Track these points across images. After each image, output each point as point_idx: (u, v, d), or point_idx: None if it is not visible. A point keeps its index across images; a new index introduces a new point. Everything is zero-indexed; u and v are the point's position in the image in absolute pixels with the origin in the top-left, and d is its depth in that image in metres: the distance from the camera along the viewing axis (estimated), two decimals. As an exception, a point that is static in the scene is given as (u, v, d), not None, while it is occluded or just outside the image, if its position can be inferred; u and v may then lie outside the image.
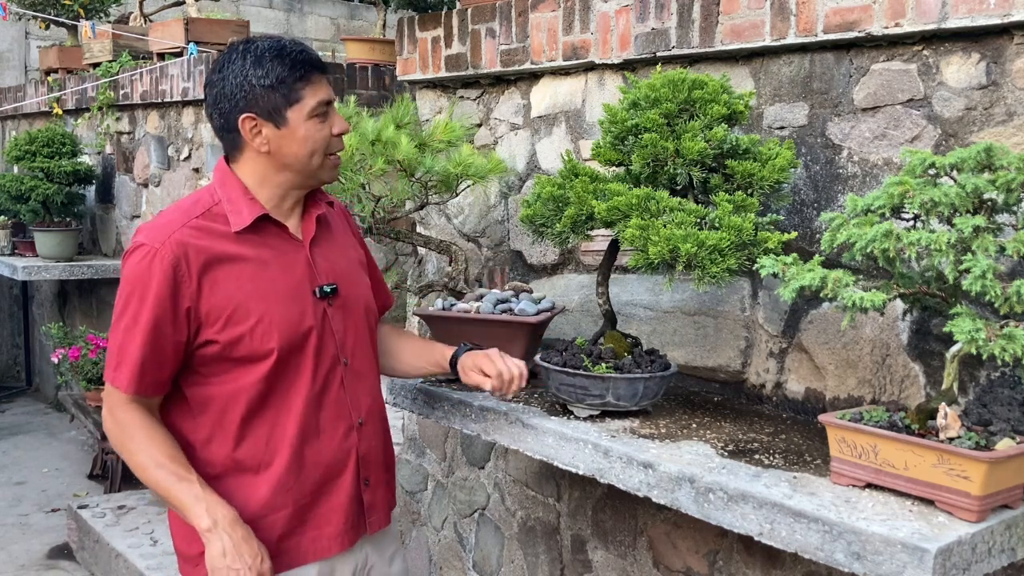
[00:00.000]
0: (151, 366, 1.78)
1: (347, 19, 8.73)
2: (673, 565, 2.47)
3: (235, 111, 1.79)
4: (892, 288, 1.62)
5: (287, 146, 1.80)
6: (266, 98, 1.77)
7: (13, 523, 4.72)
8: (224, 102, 1.80)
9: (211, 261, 1.78)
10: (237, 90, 1.78)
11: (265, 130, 1.79)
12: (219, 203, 1.83)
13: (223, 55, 1.83)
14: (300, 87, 1.78)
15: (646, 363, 2.03)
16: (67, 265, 5.58)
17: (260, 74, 1.76)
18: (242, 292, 1.79)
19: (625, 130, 2.05)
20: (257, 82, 1.76)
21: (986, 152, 1.54)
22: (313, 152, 1.82)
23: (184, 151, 4.89)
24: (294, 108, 1.78)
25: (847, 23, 2.00)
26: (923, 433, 1.56)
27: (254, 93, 1.77)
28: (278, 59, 1.77)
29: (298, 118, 1.79)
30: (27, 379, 7.27)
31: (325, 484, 1.88)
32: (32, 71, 7.59)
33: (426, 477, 3.39)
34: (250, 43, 1.81)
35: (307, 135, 1.80)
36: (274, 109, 1.78)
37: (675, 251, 1.81)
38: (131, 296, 1.78)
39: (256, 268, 1.81)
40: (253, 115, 1.78)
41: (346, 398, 1.91)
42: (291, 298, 1.83)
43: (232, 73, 1.78)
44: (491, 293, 2.39)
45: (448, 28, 3.03)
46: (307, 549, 1.87)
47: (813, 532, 1.51)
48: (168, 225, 1.79)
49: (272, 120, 1.79)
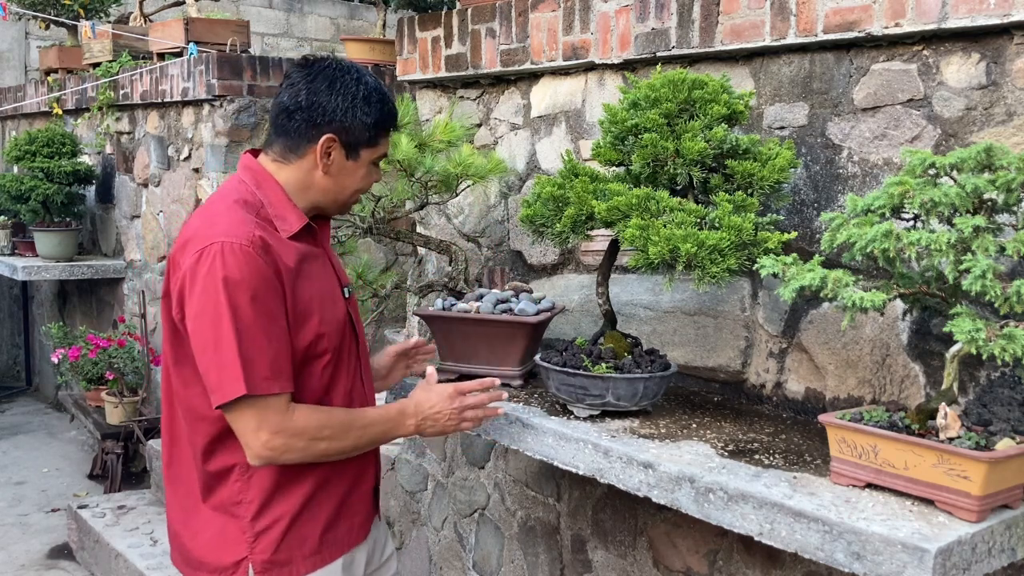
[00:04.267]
0: (281, 358, 1.73)
1: (347, 19, 8.73)
2: (673, 565, 2.47)
3: (325, 127, 1.83)
4: (892, 288, 1.62)
5: (344, 178, 1.88)
6: (357, 132, 1.85)
7: (13, 523, 4.72)
8: (319, 113, 1.83)
9: (286, 257, 1.78)
10: (339, 111, 1.83)
11: (336, 155, 1.86)
12: (263, 206, 1.82)
13: (332, 66, 1.86)
14: (382, 136, 1.90)
15: (646, 363, 2.03)
16: (67, 265, 5.58)
17: (366, 111, 1.85)
18: (308, 293, 1.82)
19: (625, 130, 2.05)
20: (361, 116, 1.85)
21: (986, 152, 1.54)
22: (357, 191, 1.92)
23: (184, 151, 4.88)
24: (368, 149, 1.88)
25: (847, 23, 2.00)
26: (923, 433, 1.56)
27: (352, 123, 1.84)
28: (381, 104, 1.87)
29: (366, 159, 1.89)
30: (27, 379, 7.27)
31: (358, 475, 1.94)
32: (32, 71, 7.59)
33: (426, 477, 3.39)
34: (360, 73, 1.88)
35: (362, 176, 1.91)
36: (356, 143, 1.86)
37: (675, 251, 1.81)
38: (232, 297, 1.67)
39: (311, 271, 1.84)
40: (336, 139, 1.84)
41: (365, 391, 1.98)
42: (332, 299, 1.89)
43: (342, 97, 1.83)
44: (491, 293, 2.39)
45: (448, 28, 3.03)
46: (343, 540, 1.91)
47: (813, 532, 1.51)
48: (239, 222, 1.75)
49: (347, 151, 1.86)
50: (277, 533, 1.81)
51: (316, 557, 1.85)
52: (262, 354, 1.69)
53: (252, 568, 1.80)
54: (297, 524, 1.82)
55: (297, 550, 1.83)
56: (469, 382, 1.98)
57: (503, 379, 2.28)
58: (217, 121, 4.55)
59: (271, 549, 1.80)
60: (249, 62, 4.57)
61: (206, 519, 1.84)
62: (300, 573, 1.83)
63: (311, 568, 1.84)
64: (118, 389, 5.04)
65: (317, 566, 1.85)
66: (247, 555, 1.80)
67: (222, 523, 1.82)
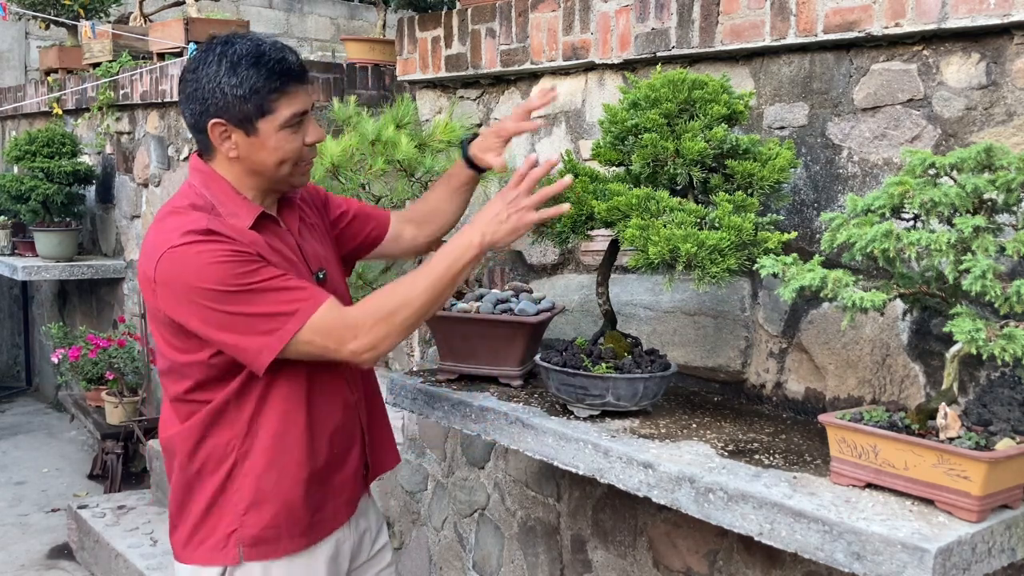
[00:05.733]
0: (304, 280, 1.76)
1: (347, 19, 8.73)
2: (673, 565, 2.47)
3: (206, 115, 1.76)
4: (892, 288, 1.62)
5: (256, 154, 1.79)
6: (237, 107, 1.74)
7: (13, 523, 4.72)
8: (195, 104, 1.77)
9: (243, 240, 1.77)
10: (209, 95, 1.74)
11: (235, 136, 1.78)
12: (214, 207, 1.80)
13: (200, 52, 1.79)
14: (274, 99, 1.75)
15: (646, 363, 2.03)
16: (67, 265, 5.58)
17: (234, 83, 1.73)
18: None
19: (625, 130, 2.05)
20: (230, 91, 1.73)
21: (986, 152, 1.54)
22: (282, 161, 1.80)
23: (184, 151, 4.88)
24: (266, 119, 1.76)
25: (847, 23, 2.00)
26: (923, 433, 1.56)
27: (225, 101, 1.74)
28: (254, 67, 1.73)
29: (269, 129, 1.77)
30: (27, 379, 7.27)
31: (339, 456, 1.93)
32: (32, 71, 7.59)
33: (426, 477, 3.39)
34: (228, 44, 1.76)
35: (277, 145, 1.78)
36: (244, 118, 1.75)
37: (675, 251, 1.81)
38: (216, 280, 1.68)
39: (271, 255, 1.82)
40: (223, 121, 1.76)
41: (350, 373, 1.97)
42: None
43: (206, 76, 1.75)
44: (491, 293, 2.39)
45: (448, 28, 3.03)
46: (329, 521, 1.92)
47: (813, 532, 1.51)
48: (198, 219, 1.75)
49: (242, 128, 1.76)
50: (269, 508, 1.84)
51: (304, 537, 1.87)
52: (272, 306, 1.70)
53: (241, 543, 1.84)
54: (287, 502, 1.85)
55: (285, 528, 1.85)
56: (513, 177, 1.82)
57: (503, 379, 2.28)
58: (217, 121, 4.55)
59: (260, 525, 1.84)
60: (249, 62, 4.56)
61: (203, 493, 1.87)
62: (286, 551, 1.86)
63: (298, 547, 1.87)
64: (118, 389, 5.04)
65: (304, 546, 1.87)
66: (237, 528, 1.84)
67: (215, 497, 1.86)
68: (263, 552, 1.85)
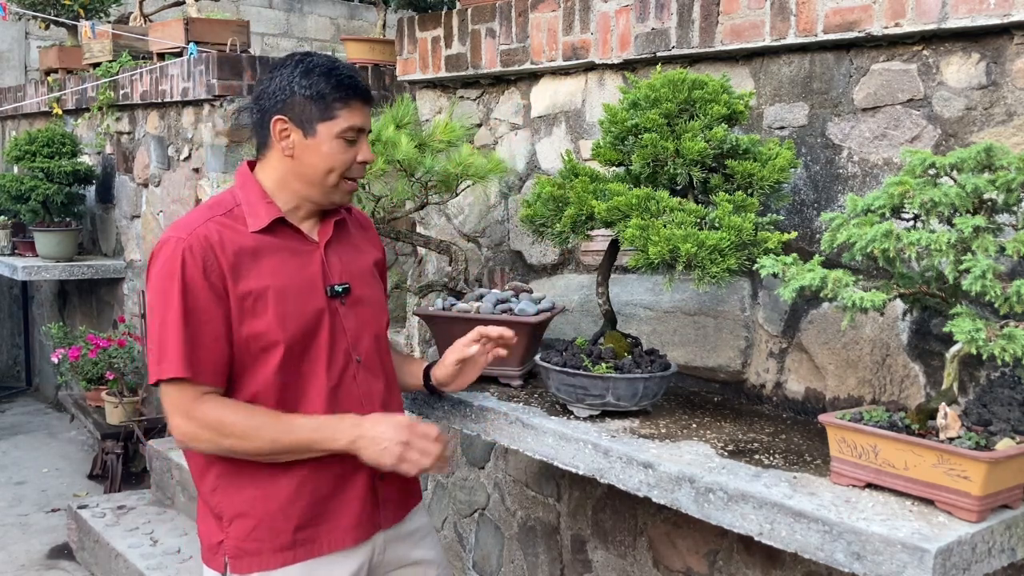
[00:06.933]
0: (199, 349, 1.79)
1: (347, 19, 8.73)
2: (673, 565, 2.47)
3: (271, 110, 1.88)
4: (892, 288, 1.62)
5: (309, 157, 1.88)
6: (302, 107, 1.86)
7: (13, 523, 4.72)
8: (265, 99, 1.89)
9: (236, 253, 1.84)
10: (279, 92, 1.87)
11: (294, 135, 1.87)
12: (239, 205, 1.90)
13: (280, 60, 1.94)
14: (337, 107, 1.86)
15: (646, 363, 2.03)
16: (67, 265, 5.58)
17: (304, 84, 1.85)
18: (260, 285, 1.84)
19: (625, 130, 2.05)
20: (299, 90, 1.85)
21: (986, 152, 1.54)
22: (331, 170, 1.89)
23: (184, 151, 4.88)
24: (326, 124, 1.86)
25: (847, 23, 2.00)
26: (923, 433, 1.56)
27: (293, 100, 1.86)
28: (325, 76, 1.86)
29: (327, 134, 1.86)
30: (27, 379, 7.27)
31: (342, 477, 1.91)
32: (32, 71, 7.58)
33: (426, 477, 3.39)
34: (308, 56, 1.90)
35: (330, 152, 1.87)
36: (307, 119, 1.86)
37: (675, 251, 1.81)
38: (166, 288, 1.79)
39: (273, 265, 1.87)
40: (286, 118, 1.86)
41: (360, 394, 1.95)
42: (302, 294, 1.89)
43: (280, 76, 1.88)
44: (491, 293, 2.39)
45: (448, 28, 3.03)
46: (323, 541, 1.91)
47: (813, 532, 1.51)
48: (193, 221, 1.86)
49: (302, 128, 1.87)
50: (248, 522, 1.86)
51: (288, 553, 1.87)
52: (179, 343, 1.77)
53: (226, 553, 1.88)
54: (268, 517, 1.86)
55: (267, 542, 1.86)
56: (426, 425, 1.88)
57: (503, 379, 2.28)
58: (217, 121, 4.55)
59: (242, 536, 1.86)
60: (249, 62, 4.57)
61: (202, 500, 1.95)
62: (269, 565, 1.86)
63: (281, 563, 1.87)
64: (118, 389, 5.05)
65: (288, 562, 1.87)
66: (223, 538, 1.88)
67: (208, 505, 1.92)
68: (248, 564, 1.86)
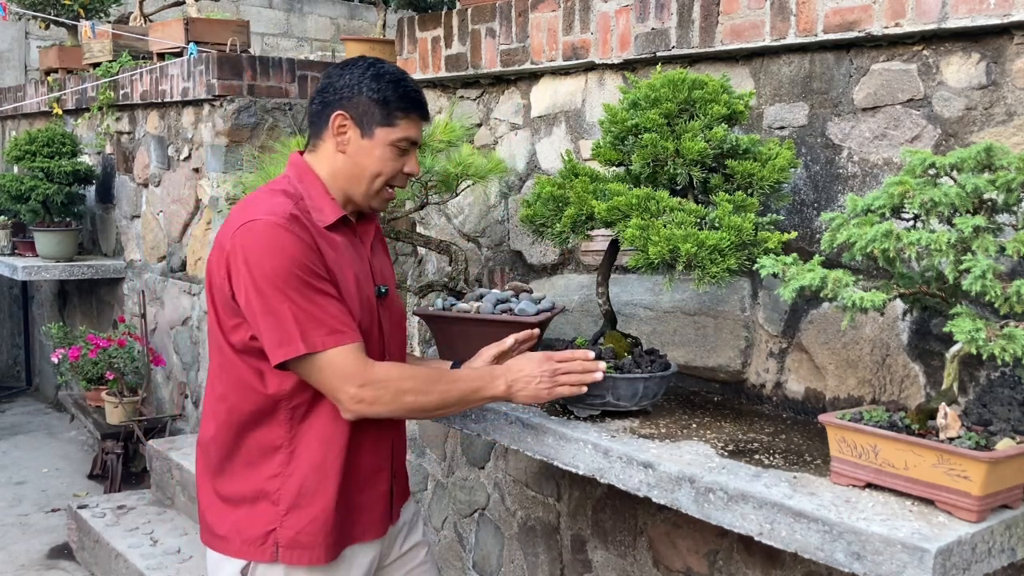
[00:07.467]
0: (342, 312, 1.81)
1: (347, 19, 8.73)
2: (673, 565, 2.47)
3: (335, 104, 1.90)
4: (892, 288, 1.62)
5: (361, 156, 1.91)
6: (366, 107, 1.89)
7: (13, 523, 4.72)
8: (330, 93, 1.92)
9: (317, 238, 1.84)
10: (346, 88, 1.90)
11: (351, 132, 1.90)
12: (302, 198, 1.89)
13: (352, 59, 1.96)
14: (399, 115, 1.90)
15: (646, 363, 2.03)
16: (67, 265, 5.58)
17: (373, 87, 1.89)
18: (340, 274, 1.87)
19: (625, 130, 2.05)
20: (367, 91, 1.89)
21: (986, 152, 1.54)
22: (378, 174, 1.92)
23: (184, 151, 4.88)
24: (384, 129, 1.90)
25: (847, 23, 2.00)
26: (923, 433, 1.56)
27: (359, 99, 1.89)
28: (394, 84, 1.90)
29: (383, 138, 1.90)
30: (27, 379, 7.27)
31: (373, 472, 1.96)
32: (32, 71, 7.58)
33: (426, 477, 3.39)
34: (380, 63, 1.94)
35: (382, 157, 1.91)
36: (367, 120, 1.90)
37: (675, 251, 1.81)
38: (285, 267, 1.76)
39: (341, 258, 1.89)
40: (347, 115, 1.89)
41: None
42: (362, 289, 1.92)
43: (351, 74, 1.91)
44: (491, 293, 2.38)
45: (448, 28, 3.03)
46: (349, 534, 1.94)
47: (813, 532, 1.51)
48: (282, 204, 1.83)
49: (361, 127, 1.90)
50: (306, 513, 1.86)
51: (334, 549, 1.89)
52: (337, 311, 1.80)
53: (278, 543, 1.86)
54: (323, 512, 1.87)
55: (320, 536, 1.87)
56: (561, 352, 1.96)
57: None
58: (217, 121, 4.55)
59: (299, 528, 1.86)
60: (249, 62, 4.57)
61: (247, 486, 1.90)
62: (321, 560, 1.88)
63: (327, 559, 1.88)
64: (118, 389, 5.04)
65: (332, 558, 1.89)
66: (276, 527, 1.87)
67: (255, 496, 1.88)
68: (299, 556, 1.87)
